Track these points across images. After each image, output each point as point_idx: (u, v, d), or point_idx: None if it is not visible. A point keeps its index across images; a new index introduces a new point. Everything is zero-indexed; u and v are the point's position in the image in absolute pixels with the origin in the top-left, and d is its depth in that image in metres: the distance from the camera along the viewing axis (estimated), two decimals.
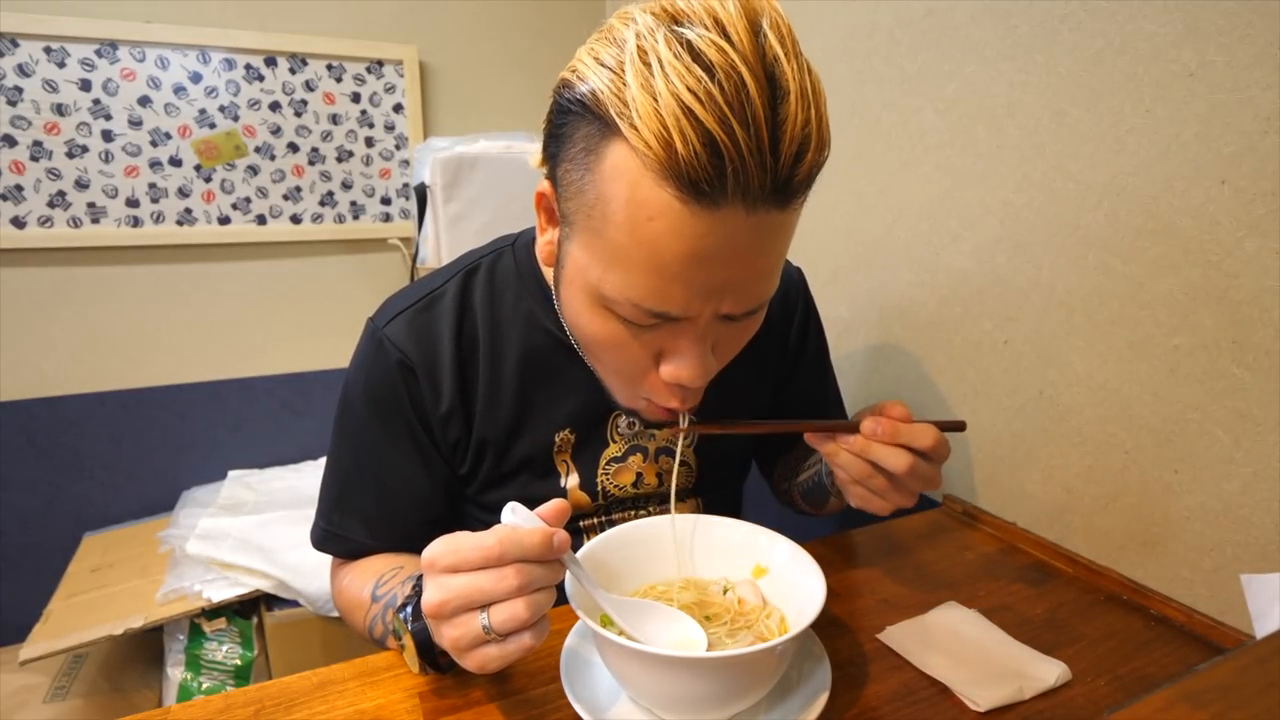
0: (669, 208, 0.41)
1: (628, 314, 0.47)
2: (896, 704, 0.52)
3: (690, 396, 0.54)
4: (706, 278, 0.44)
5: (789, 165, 0.41)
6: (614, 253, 0.45)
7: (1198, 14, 0.58)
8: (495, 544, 0.41)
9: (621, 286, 0.46)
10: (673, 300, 0.45)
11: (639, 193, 0.42)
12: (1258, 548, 0.58)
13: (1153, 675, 0.55)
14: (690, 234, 0.42)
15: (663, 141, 0.39)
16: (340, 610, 0.67)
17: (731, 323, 0.50)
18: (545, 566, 0.42)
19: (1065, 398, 0.73)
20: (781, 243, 0.47)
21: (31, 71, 1.39)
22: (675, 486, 0.66)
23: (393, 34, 1.66)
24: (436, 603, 0.42)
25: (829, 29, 1.01)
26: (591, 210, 0.45)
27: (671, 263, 0.43)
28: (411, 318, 0.62)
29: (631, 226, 0.43)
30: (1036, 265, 0.75)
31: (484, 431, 0.64)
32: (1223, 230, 0.58)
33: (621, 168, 0.42)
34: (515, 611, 0.41)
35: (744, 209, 0.41)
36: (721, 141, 0.39)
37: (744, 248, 0.44)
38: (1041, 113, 0.72)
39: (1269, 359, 0.56)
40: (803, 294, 0.76)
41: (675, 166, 0.40)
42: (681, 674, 0.43)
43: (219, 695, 0.53)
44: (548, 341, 0.64)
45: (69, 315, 1.52)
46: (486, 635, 0.42)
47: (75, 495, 1.56)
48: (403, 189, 1.75)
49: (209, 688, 1.26)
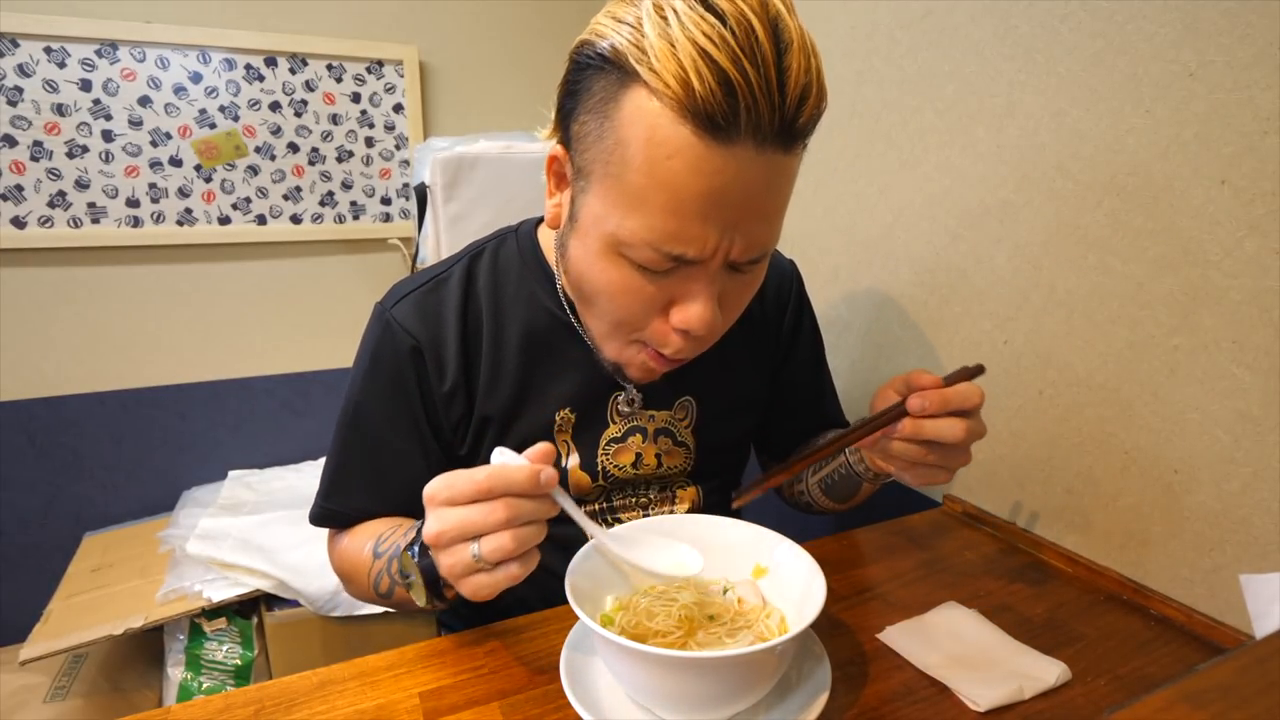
0: (687, 145, 0.44)
1: (644, 258, 0.49)
2: (896, 704, 0.52)
3: (691, 346, 0.55)
4: (721, 216, 0.47)
5: (794, 107, 0.44)
6: (633, 196, 0.47)
7: (1198, 14, 0.58)
8: (485, 479, 0.45)
9: (640, 230, 0.48)
10: (689, 240, 0.47)
11: (658, 133, 0.44)
12: (1258, 548, 0.58)
13: (1153, 675, 0.55)
14: (707, 170, 0.44)
15: (681, 81, 0.42)
16: (339, 572, 0.69)
17: (737, 274, 0.52)
18: (532, 501, 0.46)
19: (1065, 398, 0.73)
20: (786, 187, 0.50)
21: (32, 71, 1.39)
22: (670, 469, 0.70)
23: (393, 34, 1.66)
24: (435, 533, 0.46)
25: (829, 29, 1.01)
26: (610, 156, 0.48)
27: (689, 200, 0.45)
28: (418, 299, 0.65)
29: (650, 166, 0.45)
30: (1036, 265, 0.75)
31: (486, 409, 0.65)
32: (1223, 230, 0.58)
33: (641, 111, 0.45)
34: (502, 542, 0.45)
35: (754, 147, 0.44)
36: (735, 80, 0.42)
37: (754, 187, 0.46)
38: (1041, 113, 0.72)
39: (1269, 359, 0.56)
40: (796, 285, 0.77)
41: (693, 103, 0.43)
42: (681, 674, 0.43)
43: (219, 695, 0.53)
44: (549, 321, 0.65)
45: (69, 315, 1.52)
46: (477, 564, 0.46)
47: (75, 495, 1.56)
48: (403, 189, 1.75)
49: (209, 688, 1.26)
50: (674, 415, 0.70)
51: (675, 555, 0.54)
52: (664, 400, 0.69)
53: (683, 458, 0.71)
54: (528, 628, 0.60)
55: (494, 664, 0.56)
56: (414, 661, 0.56)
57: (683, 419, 0.70)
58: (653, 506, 0.71)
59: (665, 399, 0.69)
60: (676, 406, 0.70)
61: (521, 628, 0.60)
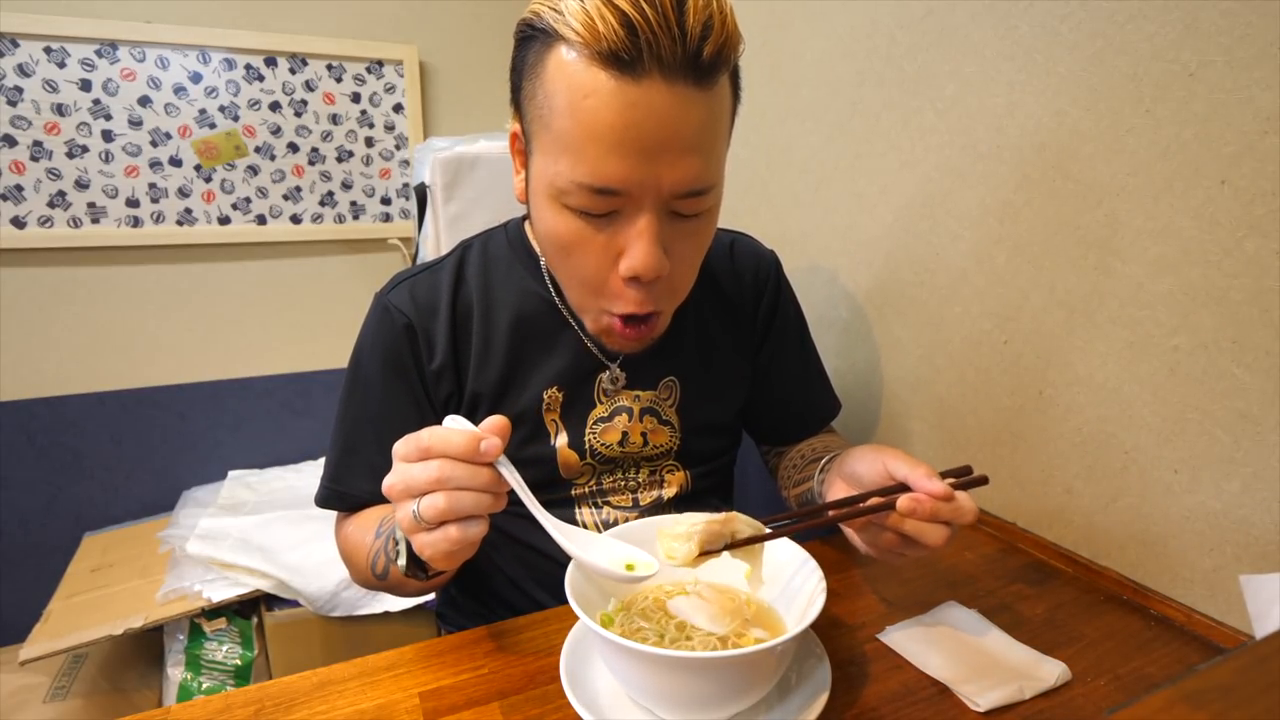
0: (600, 84, 0.49)
1: (580, 201, 0.53)
2: (896, 704, 0.52)
3: (649, 300, 0.57)
4: (639, 147, 0.50)
5: (696, 40, 0.48)
6: (561, 140, 0.52)
7: (1198, 14, 0.58)
8: (426, 439, 0.47)
9: (569, 171, 0.52)
10: (611, 171, 0.51)
11: (575, 79, 0.50)
12: (1258, 548, 0.58)
13: (1153, 675, 0.55)
14: (619, 104, 0.49)
15: (588, 26, 0.48)
16: (343, 554, 0.70)
17: (681, 220, 0.55)
18: (470, 469, 0.46)
19: (1065, 398, 0.73)
20: (709, 121, 0.52)
21: (32, 71, 1.39)
22: (657, 448, 0.71)
23: (393, 34, 1.66)
24: (387, 486, 0.48)
25: (829, 29, 1.01)
26: (541, 109, 0.53)
27: (606, 133, 0.50)
28: (412, 284, 0.70)
29: (571, 109, 0.50)
30: (1036, 265, 0.74)
31: (477, 386, 0.68)
32: (1223, 230, 0.58)
33: (561, 63, 0.50)
34: (434, 501, 0.46)
35: (663, 80, 0.49)
36: (635, 19, 0.47)
37: (668, 118, 0.50)
38: (1041, 113, 0.72)
39: (1269, 359, 0.56)
40: (775, 270, 0.80)
41: (599, 44, 0.48)
42: (681, 674, 0.43)
43: (219, 695, 0.53)
44: (537, 304, 0.69)
45: (69, 315, 1.52)
46: (418, 523, 0.47)
47: (75, 495, 1.56)
48: (403, 189, 1.75)
49: (209, 688, 1.26)
50: (658, 395, 0.72)
51: (626, 556, 0.51)
52: (648, 380, 0.71)
53: (668, 436, 0.72)
54: (528, 628, 0.60)
55: (494, 664, 0.56)
56: (414, 661, 0.56)
57: (667, 398, 0.72)
58: (641, 490, 0.72)
59: (650, 379, 0.71)
60: (661, 386, 0.72)
61: (521, 628, 0.60)
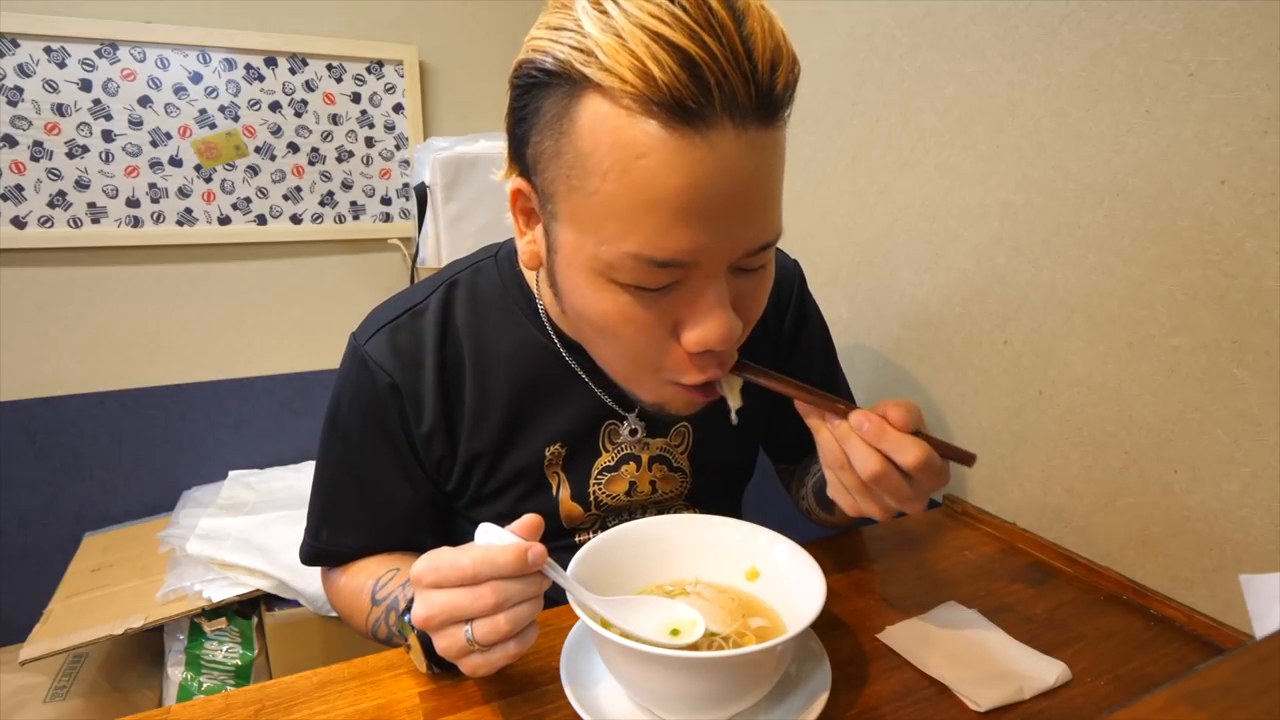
0: (658, 141, 0.39)
1: (634, 275, 0.44)
2: (896, 704, 0.52)
3: (723, 364, 0.50)
4: (709, 212, 0.41)
5: (768, 74, 0.40)
6: (607, 208, 0.42)
7: (1198, 14, 0.58)
8: (470, 565, 0.43)
9: (621, 243, 0.42)
10: (679, 243, 0.42)
11: (623, 135, 0.40)
12: (1258, 548, 0.58)
13: (1153, 675, 0.55)
14: (684, 163, 0.39)
15: (639, 72, 0.38)
16: (339, 610, 0.67)
17: (745, 275, 0.47)
18: (523, 581, 0.44)
19: (1065, 398, 0.73)
20: (777, 166, 0.45)
21: (32, 72, 1.39)
22: (666, 494, 0.66)
23: (393, 34, 1.66)
24: (423, 617, 0.44)
25: (829, 29, 1.01)
26: (572, 173, 0.43)
27: (670, 198, 0.40)
28: (392, 334, 0.61)
29: (621, 172, 0.40)
30: (1036, 265, 0.74)
31: (473, 447, 0.63)
32: (1223, 230, 0.58)
33: (599, 117, 0.40)
34: (495, 625, 0.43)
35: (734, 127, 0.40)
36: (699, 56, 0.37)
37: (741, 171, 0.41)
38: (1041, 113, 0.72)
39: (1269, 359, 0.56)
40: (797, 284, 0.75)
41: (657, 93, 0.38)
42: (681, 674, 0.43)
43: (219, 695, 0.53)
44: (539, 355, 0.62)
45: (69, 315, 1.52)
46: (471, 646, 0.44)
47: (75, 495, 1.56)
48: (403, 189, 1.75)
49: (209, 687, 1.26)
50: (669, 442, 0.68)
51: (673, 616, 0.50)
52: (661, 428, 0.67)
53: (679, 483, 0.69)
54: None
55: None
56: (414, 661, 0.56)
57: (679, 445, 0.68)
58: None
59: (662, 426, 0.67)
60: (673, 433, 0.68)
61: None
